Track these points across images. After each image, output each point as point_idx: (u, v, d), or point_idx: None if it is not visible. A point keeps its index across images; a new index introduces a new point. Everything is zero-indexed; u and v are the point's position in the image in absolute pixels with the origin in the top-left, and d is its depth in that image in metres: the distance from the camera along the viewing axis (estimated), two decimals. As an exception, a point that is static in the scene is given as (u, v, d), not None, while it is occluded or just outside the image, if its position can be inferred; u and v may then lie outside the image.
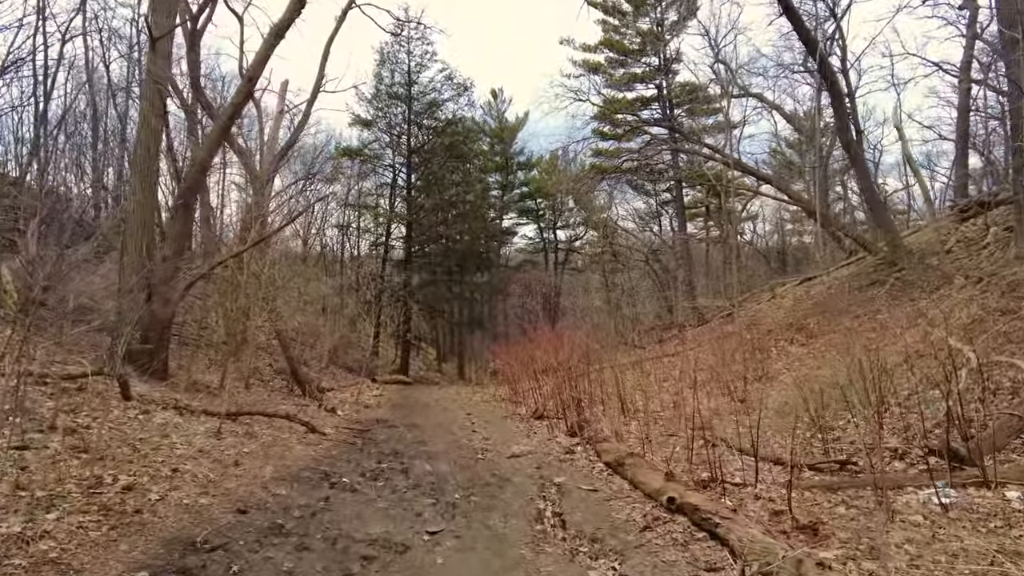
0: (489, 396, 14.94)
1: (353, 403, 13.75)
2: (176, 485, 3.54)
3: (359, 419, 9.53)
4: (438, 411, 12.27)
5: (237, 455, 4.71)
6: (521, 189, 38.93)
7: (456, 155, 25.57)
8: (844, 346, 9.99)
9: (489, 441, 7.81)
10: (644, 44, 27.38)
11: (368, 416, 10.34)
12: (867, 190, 12.64)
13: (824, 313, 12.17)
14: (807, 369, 9.74)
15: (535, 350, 13.87)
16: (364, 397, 15.43)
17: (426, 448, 6.82)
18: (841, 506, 4.22)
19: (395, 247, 27.14)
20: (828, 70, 12.18)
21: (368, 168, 26.23)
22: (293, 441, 6.04)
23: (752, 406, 8.60)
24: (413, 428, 8.73)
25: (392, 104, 25.48)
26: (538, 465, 6.12)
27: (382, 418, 9.88)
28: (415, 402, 14.63)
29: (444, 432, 8.56)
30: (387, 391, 17.34)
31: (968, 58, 18.55)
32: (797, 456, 5.80)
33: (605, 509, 4.43)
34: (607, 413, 9.74)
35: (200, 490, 3.60)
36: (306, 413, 9.13)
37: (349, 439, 6.88)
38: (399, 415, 11.00)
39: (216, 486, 3.80)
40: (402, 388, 18.74)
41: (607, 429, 6.98)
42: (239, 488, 3.86)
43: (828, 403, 7.35)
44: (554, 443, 7.34)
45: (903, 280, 11.53)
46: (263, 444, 5.43)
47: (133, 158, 7.76)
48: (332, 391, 15.90)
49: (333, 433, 7.09)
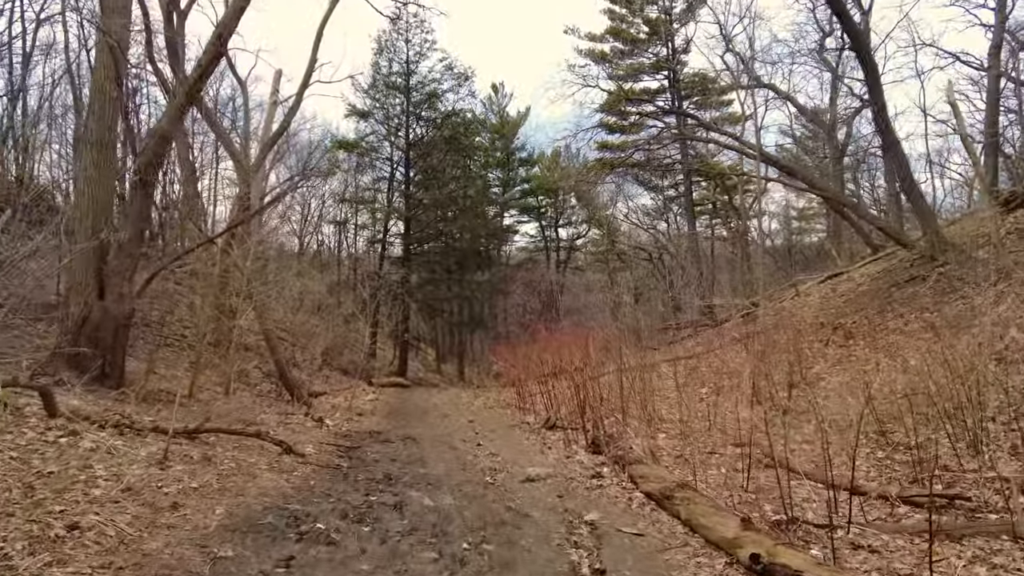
0: (492, 401, 13.89)
1: (345, 410, 12.69)
2: (64, 554, 2.46)
3: (349, 431, 8.47)
4: (438, 419, 11.22)
5: (180, 492, 3.63)
6: (522, 186, 37.90)
7: (456, 148, 24.51)
8: (893, 348, 8.99)
9: (498, 459, 6.75)
10: (652, 33, 26.38)
11: (360, 427, 9.27)
12: (905, 178, 11.59)
13: (860, 311, 11.13)
14: (852, 373, 8.70)
15: (542, 351, 12.81)
16: (358, 403, 14.37)
17: (425, 471, 5.76)
18: (979, 565, 3.16)
19: (393, 244, 26.09)
20: (861, 42, 11.15)
21: (365, 162, 25.16)
22: (262, 467, 4.96)
23: (798, 416, 7.54)
24: (410, 442, 7.67)
25: (390, 95, 24.43)
26: (560, 493, 5.06)
27: (375, 429, 8.81)
28: (413, 408, 13.57)
29: (445, 447, 7.50)
30: (383, 395, 16.28)
31: (998, 42, 17.55)
32: (884, 485, 4.76)
33: (660, 565, 3.37)
34: (629, 423, 8.70)
35: (101, 560, 2.50)
36: (289, 425, 8.07)
37: (333, 461, 5.80)
38: (395, 425, 9.93)
39: (131, 548, 2.69)
40: (400, 392, 17.69)
41: (637, 447, 5.91)
42: (165, 550, 2.75)
43: (899, 414, 6.30)
44: (575, 463, 6.28)
45: (948, 275, 10.50)
46: (220, 473, 4.36)
47: (83, 129, 6.69)
48: (324, 395, 14.86)
49: (314, 453, 5.99)
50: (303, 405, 12.69)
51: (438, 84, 24.52)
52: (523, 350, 14.52)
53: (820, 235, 34.28)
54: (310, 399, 13.50)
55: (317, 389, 15.09)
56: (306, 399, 12.97)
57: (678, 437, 7.47)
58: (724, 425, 8.01)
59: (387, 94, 24.34)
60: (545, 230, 38.11)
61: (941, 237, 11.28)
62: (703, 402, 9.50)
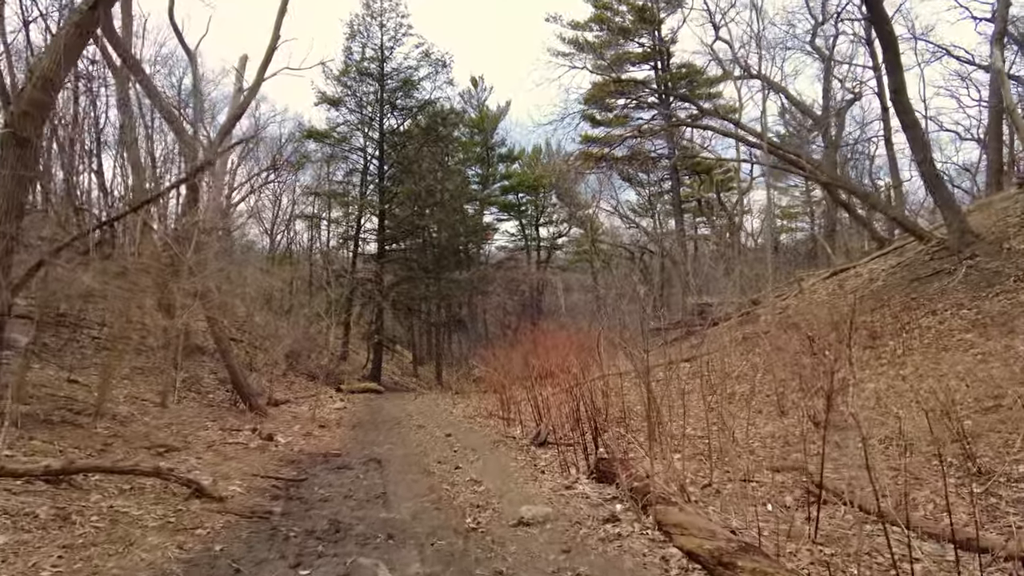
0: (473, 409, 12.56)
1: (307, 421, 11.27)
2: None
3: (302, 452, 7.08)
4: (410, 432, 9.86)
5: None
6: (502, 183, 36.66)
7: (433, 139, 23.11)
8: (932, 349, 7.90)
9: (481, 488, 5.45)
10: (639, 21, 25.29)
11: (318, 445, 7.88)
12: (924, 161, 10.56)
13: (881, 308, 10.05)
14: (889, 379, 7.57)
15: (528, 352, 11.54)
16: (323, 412, 12.94)
17: (387, 514, 4.43)
18: None
19: (367, 240, 24.58)
20: (882, 12, 10.09)
21: (336, 152, 23.62)
22: (150, 523, 3.55)
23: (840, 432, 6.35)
24: (373, 467, 6.32)
25: (363, 81, 22.95)
26: (566, 547, 3.78)
27: (334, 450, 7.42)
28: (384, 419, 12.18)
29: (417, 472, 6.17)
30: (353, 403, 14.85)
31: (1001, 29, 16.77)
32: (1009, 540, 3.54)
33: None
34: (634, 439, 7.46)
35: None
36: (226, 447, 6.65)
37: (263, 505, 4.39)
38: (360, 441, 8.56)
39: None
40: (371, 399, 16.27)
41: (659, 478, 4.65)
42: None
43: (979, 431, 5.14)
44: (577, 496, 4.99)
45: (979, 268, 9.47)
46: (71, 544, 2.97)
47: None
48: (287, 404, 13.42)
49: (239, 494, 4.58)
50: (259, 416, 11.27)
51: (414, 71, 23.14)
52: (506, 352, 13.23)
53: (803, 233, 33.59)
54: (268, 408, 12.07)
55: (279, 397, 13.65)
56: (262, 408, 11.53)
57: (697, 458, 6.25)
58: (749, 442, 6.82)
59: (360, 80, 22.87)
60: (526, 228, 36.90)
61: (967, 227, 10.25)
62: (714, 411, 8.33)
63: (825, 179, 12.63)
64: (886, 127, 16.22)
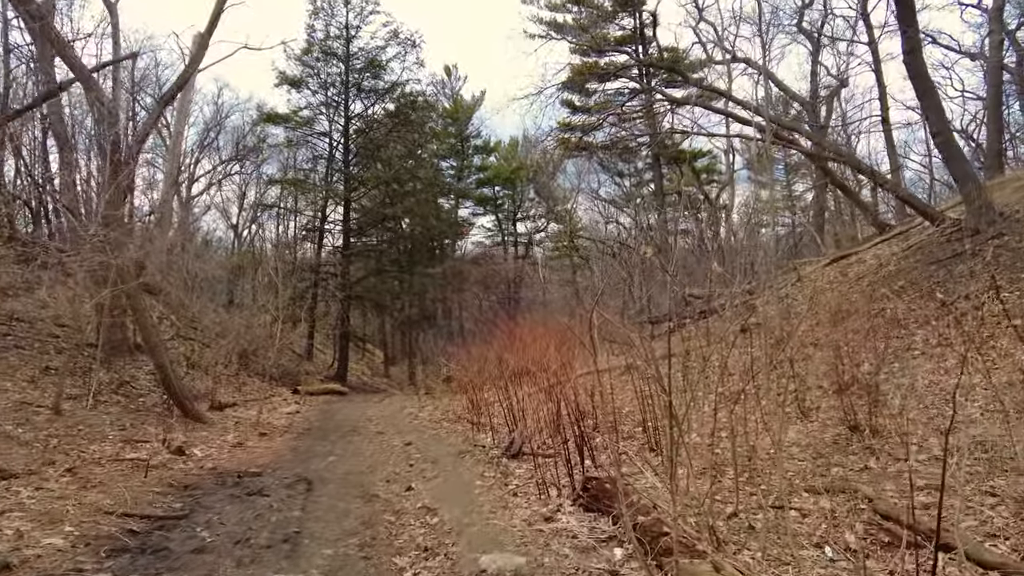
0: (441, 412, 11.19)
1: (250, 427, 9.84)
2: None
3: (213, 471, 5.66)
4: (365, 441, 8.49)
5: None
6: (478, 175, 35.34)
7: (401, 123, 21.65)
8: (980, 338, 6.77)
9: (434, 521, 4.14)
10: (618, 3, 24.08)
11: (240, 460, 6.47)
12: (941, 132, 9.48)
13: (897, 295, 8.93)
14: (928, 372, 6.41)
15: (502, 349, 10.20)
16: (272, 417, 11.51)
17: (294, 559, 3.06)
18: None
19: (332, 231, 22.96)
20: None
21: (298, 137, 22.01)
22: None
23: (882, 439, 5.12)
24: (299, 491, 4.94)
25: (327, 62, 21.38)
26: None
27: (255, 467, 6.00)
28: (340, 424, 10.77)
29: (355, 497, 4.83)
30: (309, 406, 13.38)
31: (1000, 3, 15.93)
32: None
33: None
34: (626, 447, 6.19)
35: None
36: (119, 463, 5.21)
37: (84, 565, 2.98)
38: (299, 454, 7.16)
39: None
40: (332, 401, 14.80)
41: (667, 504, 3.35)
42: None
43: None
44: (561, 535, 3.68)
45: (1010, 248, 8.42)
46: None
47: None
48: (233, 407, 11.94)
49: (52, 554, 3.14)
50: (195, 421, 9.80)
51: (381, 51, 21.63)
52: (480, 349, 11.88)
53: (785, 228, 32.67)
54: (208, 413, 10.58)
55: (226, 399, 12.16)
56: (198, 413, 10.04)
57: (705, 473, 5.00)
58: (771, 452, 5.60)
59: (324, 61, 21.30)
60: (502, 223, 35.62)
61: (989, 203, 9.19)
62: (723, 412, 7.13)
63: (829, 155, 11.53)
64: (883, 106, 15.26)
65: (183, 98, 21.19)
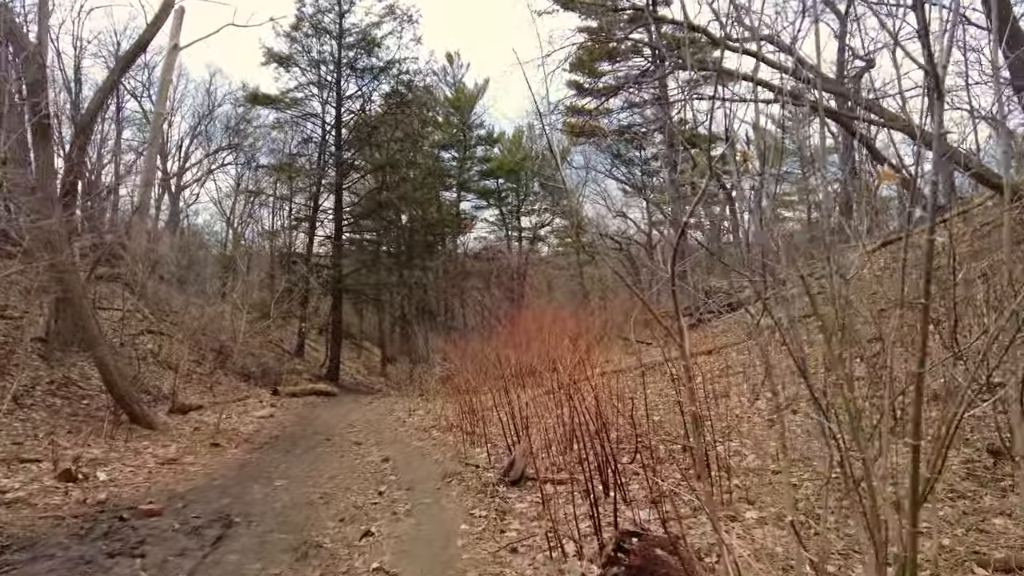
0: (432, 418, 9.68)
1: (205, 436, 8.36)
2: None
3: (106, 501, 4.18)
4: (334, 456, 6.99)
5: None
6: (481, 166, 33.78)
7: (397, 103, 20.15)
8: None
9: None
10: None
11: (158, 485, 4.98)
12: None
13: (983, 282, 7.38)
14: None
15: (504, 345, 8.70)
16: (239, 422, 10.03)
17: None
18: None
19: (323, 221, 21.46)
20: None
21: (287, 119, 20.55)
22: None
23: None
24: (205, 539, 3.45)
25: (318, 39, 19.90)
26: None
27: (176, 494, 4.50)
28: (312, 432, 9.29)
29: (285, 549, 3.37)
30: (286, 409, 11.90)
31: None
32: None
33: None
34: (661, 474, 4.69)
35: None
36: None
37: None
38: (243, 472, 5.67)
39: None
40: (314, 403, 13.31)
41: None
42: None
43: None
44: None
45: None
46: None
47: None
48: (198, 410, 10.46)
49: None
50: (148, 428, 8.36)
51: (376, 27, 20.13)
52: (480, 346, 10.38)
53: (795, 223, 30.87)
54: (164, 417, 9.13)
55: (191, 401, 10.71)
56: (149, 418, 8.57)
57: (775, 520, 3.50)
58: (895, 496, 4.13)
59: (314, 37, 19.81)
60: (506, 217, 34.05)
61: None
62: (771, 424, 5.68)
63: (883, 122, 9.95)
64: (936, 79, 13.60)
65: (163, 76, 19.79)
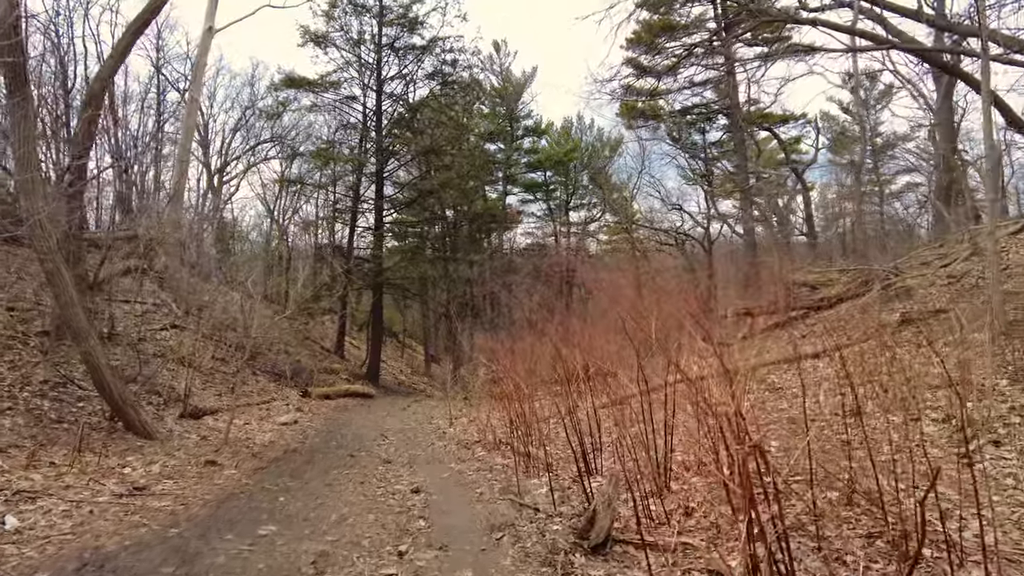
0: (476, 429, 8.13)
1: (211, 448, 7.05)
2: None
3: None
4: (352, 483, 5.51)
5: None
6: (527, 158, 32.13)
7: (439, 83, 18.77)
8: None
9: None
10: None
11: (102, 530, 3.56)
12: None
13: None
14: None
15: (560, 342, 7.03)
16: (256, 430, 8.73)
17: None
18: None
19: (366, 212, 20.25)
20: None
21: (324, 103, 19.44)
22: None
23: None
24: None
25: (357, 17, 18.71)
26: None
27: (104, 554, 3.07)
28: (338, 444, 7.88)
29: None
30: (314, 414, 10.60)
31: None
32: None
33: None
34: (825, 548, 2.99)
35: None
36: None
37: None
38: (227, 512, 4.25)
39: None
40: (347, 406, 12.00)
41: None
42: None
43: None
44: None
45: None
46: None
47: None
48: (214, 415, 9.21)
49: None
50: (143, 438, 7.13)
51: (418, 3, 18.80)
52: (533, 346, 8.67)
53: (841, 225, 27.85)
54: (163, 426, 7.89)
55: (207, 405, 9.48)
56: (145, 427, 7.31)
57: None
58: None
59: (353, 14, 18.63)
60: (554, 212, 32.26)
61: None
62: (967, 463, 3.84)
63: None
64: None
65: (197, 59, 18.97)
